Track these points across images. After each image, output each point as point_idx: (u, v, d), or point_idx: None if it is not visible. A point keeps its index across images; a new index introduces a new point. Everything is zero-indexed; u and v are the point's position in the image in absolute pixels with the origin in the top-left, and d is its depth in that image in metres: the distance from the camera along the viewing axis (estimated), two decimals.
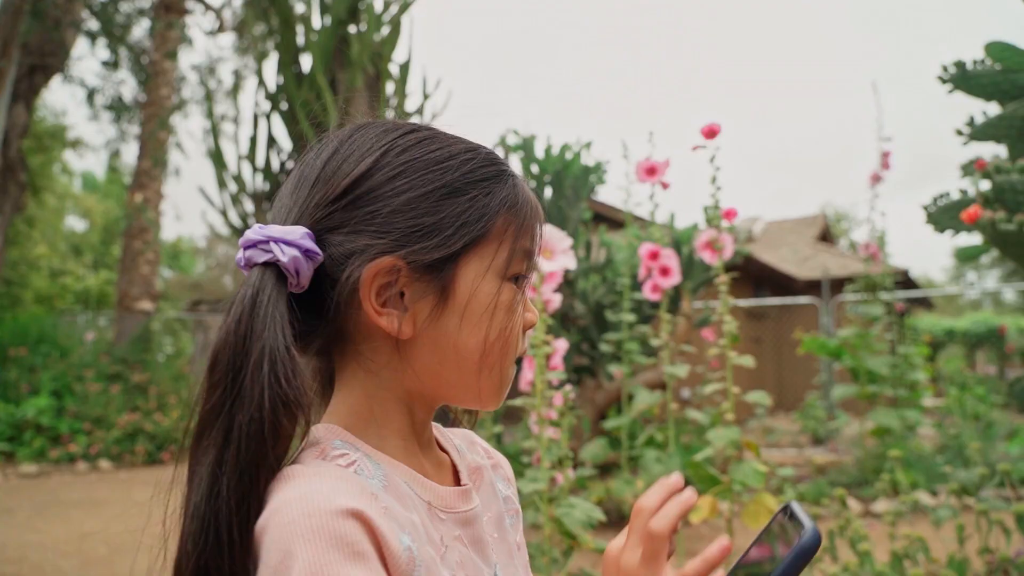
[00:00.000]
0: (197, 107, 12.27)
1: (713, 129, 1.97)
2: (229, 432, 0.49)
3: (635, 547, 0.52)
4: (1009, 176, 1.53)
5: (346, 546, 0.46)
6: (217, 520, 0.48)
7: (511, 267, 0.57)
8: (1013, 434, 6.77)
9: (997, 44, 1.90)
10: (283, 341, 0.51)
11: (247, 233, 0.55)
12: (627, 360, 3.72)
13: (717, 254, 2.06)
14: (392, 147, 0.57)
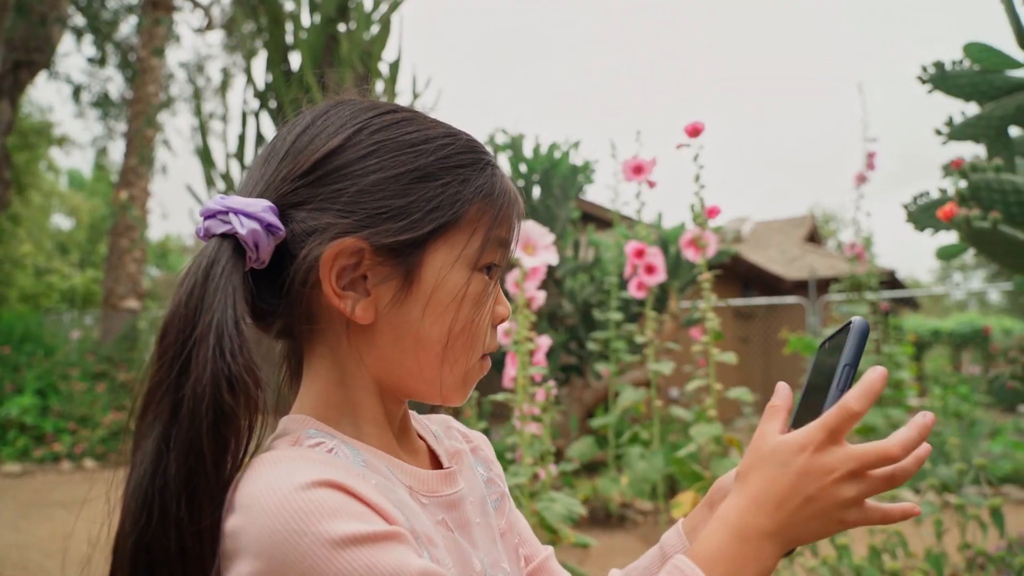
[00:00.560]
0: (185, 104, 12.20)
1: (696, 128, 1.98)
2: (177, 407, 0.47)
3: (843, 456, 0.48)
4: (984, 175, 1.55)
5: (329, 514, 0.44)
6: (163, 498, 0.46)
7: (483, 257, 0.55)
8: (996, 433, 6.85)
9: (975, 45, 1.93)
10: (232, 315, 0.48)
11: (208, 203, 0.53)
12: (614, 359, 3.74)
13: (701, 252, 2.08)
14: (367, 126, 0.55)
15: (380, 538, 0.44)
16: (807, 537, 0.48)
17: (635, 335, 2.68)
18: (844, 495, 0.47)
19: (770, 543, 0.48)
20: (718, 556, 0.47)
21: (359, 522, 0.44)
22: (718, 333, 1.98)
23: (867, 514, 0.49)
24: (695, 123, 1.97)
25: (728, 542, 0.48)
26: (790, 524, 0.48)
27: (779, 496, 0.48)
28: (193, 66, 12.18)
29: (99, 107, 10.81)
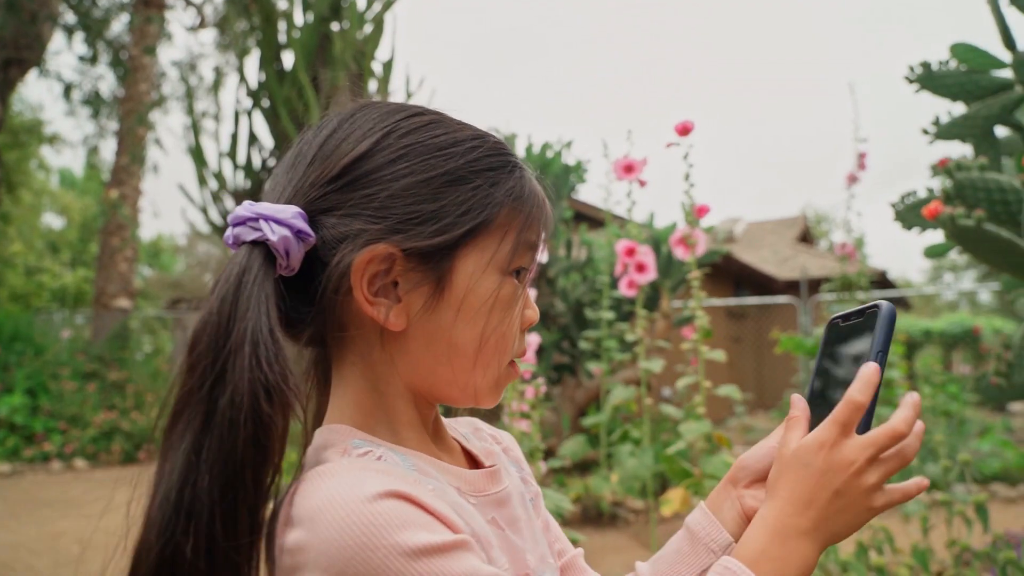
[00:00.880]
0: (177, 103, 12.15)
1: (686, 127, 1.99)
2: (210, 416, 0.46)
3: (855, 447, 0.51)
4: (969, 173, 1.56)
5: (399, 526, 0.43)
6: (192, 511, 0.45)
7: (513, 261, 0.55)
8: (985, 431, 6.90)
9: (961, 45, 1.95)
10: (267, 323, 0.48)
11: (237, 210, 0.52)
12: (606, 357, 3.75)
13: (690, 251, 2.09)
14: (395, 129, 0.54)
15: (450, 548, 0.44)
16: (843, 530, 0.51)
17: (626, 334, 2.69)
18: (868, 482, 0.50)
19: (808, 540, 0.50)
20: (763, 556, 0.50)
21: (428, 532, 0.44)
22: (707, 331, 1.99)
23: (890, 496, 0.51)
24: (685, 122, 1.98)
25: (769, 543, 0.50)
26: (824, 520, 0.50)
27: (808, 495, 0.51)
28: (185, 64, 12.13)
29: (90, 105, 10.75)
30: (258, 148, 10.26)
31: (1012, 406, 13.13)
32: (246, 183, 10.09)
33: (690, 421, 1.93)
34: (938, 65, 1.96)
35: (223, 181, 10.07)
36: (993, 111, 1.94)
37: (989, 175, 1.57)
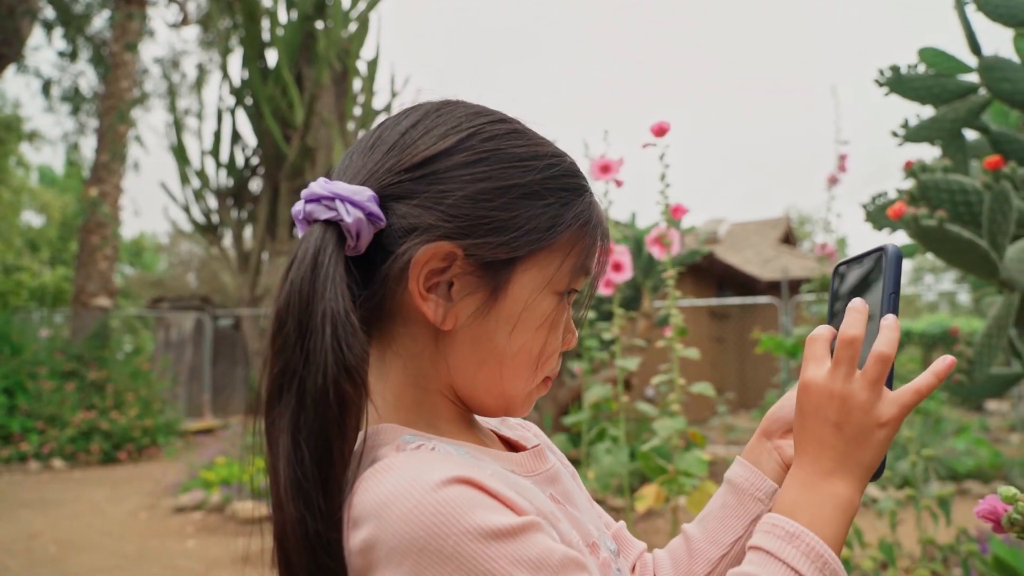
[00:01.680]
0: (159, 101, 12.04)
1: (662, 127, 2.01)
2: (303, 395, 0.47)
3: (852, 373, 0.53)
4: (933, 175, 1.60)
5: (469, 509, 0.44)
6: (303, 485, 0.46)
7: (568, 284, 0.55)
8: (961, 430, 7.00)
9: (929, 50, 1.99)
10: (343, 305, 0.48)
11: (312, 186, 0.52)
12: (587, 357, 3.77)
13: (665, 250, 2.11)
14: (480, 131, 0.54)
15: (520, 529, 0.45)
16: (867, 457, 0.52)
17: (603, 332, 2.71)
18: (868, 405, 0.52)
19: (838, 479, 0.52)
20: (797, 506, 0.52)
21: (498, 515, 0.45)
22: (682, 329, 2.01)
23: (898, 399, 0.52)
24: (660, 123, 2.00)
25: (800, 492, 0.52)
26: (845, 455, 0.52)
27: (821, 438, 0.53)
28: (168, 62, 12.02)
29: (70, 102, 10.62)
30: (241, 146, 10.19)
31: (989, 405, 13.34)
32: (229, 181, 10.03)
33: (664, 418, 1.95)
34: (907, 69, 2.00)
35: (206, 179, 9.99)
36: (960, 114, 1.98)
37: (952, 177, 1.60)
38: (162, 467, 6.62)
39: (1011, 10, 1.91)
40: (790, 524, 0.50)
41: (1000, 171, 1.45)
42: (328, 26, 9.70)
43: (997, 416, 11.30)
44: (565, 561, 0.45)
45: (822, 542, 0.49)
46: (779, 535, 0.50)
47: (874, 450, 0.52)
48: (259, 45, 9.84)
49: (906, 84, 1.99)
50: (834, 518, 0.51)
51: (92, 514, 4.91)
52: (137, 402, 7.67)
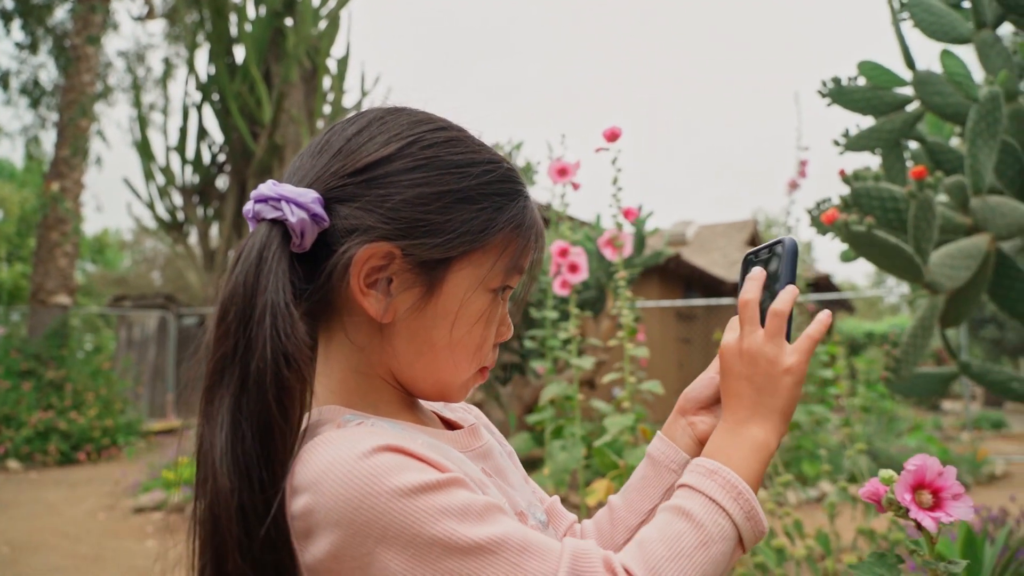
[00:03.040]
0: (123, 95, 11.81)
1: (615, 132, 2.08)
2: (245, 379, 0.51)
3: (754, 330, 0.60)
4: (865, 183, 1.68)
5: (394, 472, 0.48)
6: (246, 461, 0.50)
7: (501, 282, 0.59)
8: (915, 428, 7.23)
9: (868, 63, 2.08)
10: (283, 297, 0.53)
11: (260, 188, 0.56)
12: (550, 356, 3.83)
13: (617, 251, 2.17)
14: (420, 139, 0.58)
15: (444, 484, 0.49)
16: (780, 402, 0.59)
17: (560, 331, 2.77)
18: (774, 357, 0.59)
19: (754, 425, 0.59)
20: (718, 449, 0.59)
21: (422, 474, 0.49)
22: (633, 329, 2.07)
23: (797, 347, 0.60)
24: (612, 128, 2.06)
25: (722, 438, 0.59)
26: (757, 404, 0.59)
27: (738, 392, 0.60)
28: (133, 55, 11.80)
29: (29, 95, 10.37)
30: (208, 143, 10.06)
31: (945, 405, 13.77)
32: (195, 178, 9.89)
33: (615, 415, 2.01)
34: (847, 81, 2.10)
35: (171, 176, 9.84)
36: (896, 125, 2.08)
37: (883, 185, 1.69)
38: (122, 468, 6.51)
39: (943, 27, 2.01)
40: (710, 463, 0.57)
41: (924, 180, 1.53)
42: (297, 23, 9.62)
43: (952, 416, 11.68)
44: (488, 506, 0.50)
45: (737, 476, 0.55)
46: (701, 472, 0.56)
47: (783, 395, 0.59)
48: (227, 41, 9.72)
49: (846, 96, 2.09)
50: (749, 457, 0.57)
51: (48, 515, 4.82)
52: (97, 402, 7.53)
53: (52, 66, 10.23)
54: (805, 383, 4.37)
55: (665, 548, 0.51)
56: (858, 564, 0.73)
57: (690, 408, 0.69)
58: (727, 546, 0.53)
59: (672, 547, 0.51)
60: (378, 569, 0.48)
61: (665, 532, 0.53)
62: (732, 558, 0.54)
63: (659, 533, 0.53)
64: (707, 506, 0.54)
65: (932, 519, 0.66)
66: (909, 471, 0.68)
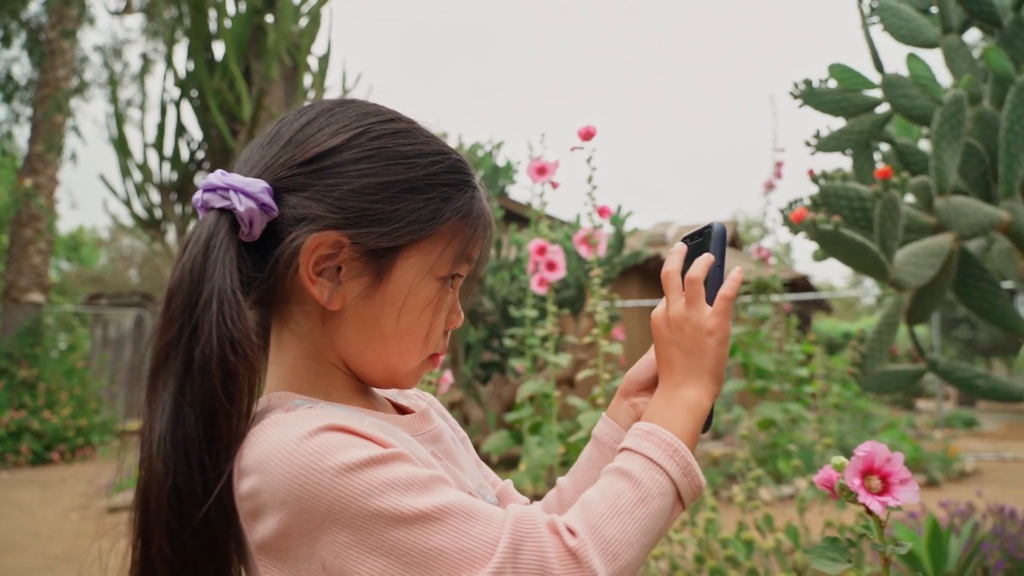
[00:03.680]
0: (100, 91, 11.64)
1: (589, 131, 2.10)
2: (189, 364, 0.52)
3: (677, 299, 0.63)
4: (833, 183, 1.72)
5: (337, 450, 0.49)
6: (187, 445, 0.51)
7: (449, 271, 0.61)
8: (889, 427, 7.36)
9: (838, 66, 2.12)
10: (230, 284, 0.53)
11: (209, 177, 0.57)
12: (529, 355, 3.84)
13: (592, 250, 2.20)
14: (368, 130, 0.59)
15: (388, 458, 0.50)
16: (707, 362, 0.62)
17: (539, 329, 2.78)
18: (701, 328, 0.62)
19: (686, 387, 0.61)
20: (654, 413, 0.61)
21: (365, 450, 0.50)
22: (607, 326, 2.10)
23: (719, 307, 0.62)
24: (588, 127, 2.08)
25: (657, 403, 0.62)
26: (687, 367, 0.62)
27: (669, 358, 0.63)
28: (109, 50, 11.63)
29: (2, 90, 10.18)
30: (186, 140, 9.93)
31: (919, 404, 14.01)
32: (172, 175, 9.77)
33: (589, 411, 2.03)
34: (818, 83, 2.14)
35: (148, 173, 9.71)
36: (865, 127, 2.13)
37: (850, 184, 1.73)
38: (97, 467, 6.43)
39: (911, 31, 2.06)
40: (647, 425, 0.59)
41: (889, 180, 1.57)
42: (278, 20, 9.56)
43: (925, 415, 11.89)
44: (433, 477, 0.51)
45: (673, 435, 0.58)
46: (638, 435, 0.59)
47: (710, 355, 0.62)
48: (206, 37, 9.63)
49: (817, 97, 2.13)
50: (683, 417, 0.60)
51: (20, 515, 4.74)
52: (71, 401, 7.42)
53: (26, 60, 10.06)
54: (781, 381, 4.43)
55: (605, 506, 0.53)
56: (812, 548, 0.75)
57: (632, 390, 0.72)
58: (666, 501, 0.55)
59: (612, 505, 0.53)
60: (326, 545, 0.49)
61: (606, 492, 0.54)
62: (672, 513, 0.56)
63: (600, 493, 0.54)
64: (644, 465, 0.56)
65: (880, 503, 0.69)
66: (859, 457, 0.70)
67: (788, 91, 2.15)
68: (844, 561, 0.75)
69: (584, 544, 0.50)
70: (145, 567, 0.53)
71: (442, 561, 0.48)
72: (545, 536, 0.49)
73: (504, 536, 0.49)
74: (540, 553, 0.49)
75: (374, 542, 0.48)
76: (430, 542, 0.48)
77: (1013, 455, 6.94)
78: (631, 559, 0.51)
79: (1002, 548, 2.34)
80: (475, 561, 0.48)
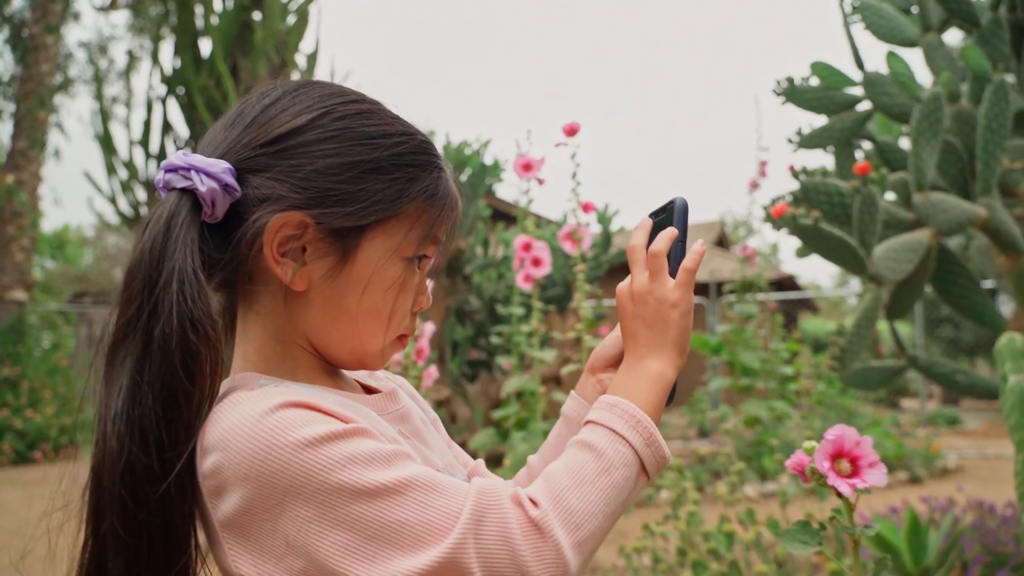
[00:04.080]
0: (85, 87, 11.53)
1: (573, 128, 2.11)
2: (148, 343, 0.52)
3: (640, 273, 0.63)
4: (813, 178, 1.74)
5: (297, 426, 0.49)
6: (143, 424, 0.51)
7: (415, 251, 0.60)
8: (872, 424, 7.43)
9: (819, 64, 2.15)
10: (191, 264, 0.53)
11: (171, 157, 0.56)
12: (516, 352, 3.85)
13: (576, 245, 2.21)
14: (332, 111, 0.59)
15: (349, 433, 0.50)
16: (670, 334, 0.62)
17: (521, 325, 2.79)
18: (661, 295, 0.62)
19: (650, 359, 0.62)
20: (618, 386, 0.61)
21: (327, 425, 0.50)
22: (591, 321, 2.11)
23: (679, 282, 0.62)
24: (572, 124, 2.09)
25: (622, 376, 0.62)
26: (650, 339, 0.62)
27: (633, 332, 0.63)
28: (95, 46, 11.53)
29: None
30: (172, 137, 9.86)
31: (904, 404, 14.15)
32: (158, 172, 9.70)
33: None
34: (800, 81, 2.16)
35: (134, 170, 9.63)
36: (847, 124, 2.15)
37: (830, 180, 1.75)
38: (81, 466, 6.36)
39: (891, 30, 2.08)
40: (611, 398, 0.59)
41: (868, 176, 1.59)
42: (266, 17, 9.50)
43: (910, 413, 12.01)
44: (396, 452, 0.52)
45: (636, 407, 0.58)
46: (602, 407, 0.59)
47: (673, 327, 0.62)
48: (192, 34, 9.56)
49: (799, 95, 2.15)
50: (647, 389, 0.60)
51: (2, 515, 4.69)
52: (54, 400, 7.35)
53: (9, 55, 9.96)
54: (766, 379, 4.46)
55: (568, 478, 0.53)
56: (783, 531, 0.76)
57: (599, 366, 0.72)
58: (629, 471, 0.55)
59: (575, 476, 0.53)
60: (288, 520, 0.49)
61: (569, 464, 0.55)
62: (637, 483, 0.56)
63: (563, 465, 0.55)
64: (607, 436, 0.56)
65: (849, 485, 0.70)
66: (828, 440, 0.71)
67: (771, 89, 2.18)
68: (815, 544, 0.76)
69: (546, 514, 0.50)
70: (96, 546, 0.53)
71: (404, 533, 0.48)
72: (508, 508, 0.50)
73: (466, 508, 0.49)
74: (503, 524, 0.49)
75: (336, 516, 0.48)
76: (392, 515, 0.48)
77: (994, 452, 7.03)
78: (594, 529, 0.52)
79: (981, 542, 2.37)
80: (437, 533, 0.48)
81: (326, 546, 0.48)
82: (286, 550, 0.49)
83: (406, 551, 0.48)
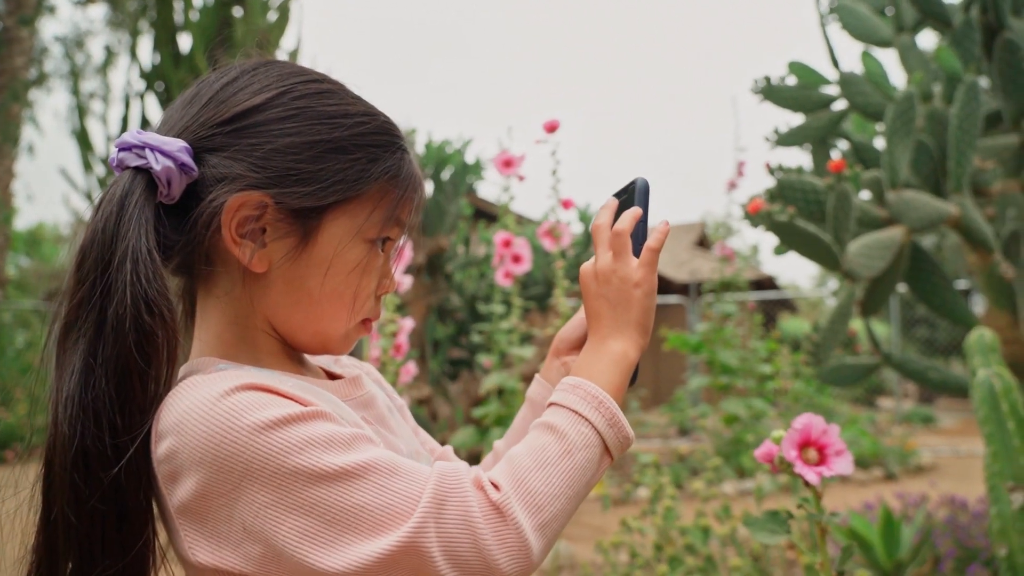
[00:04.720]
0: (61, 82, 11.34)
1: (553, 124, 2.11)
2: (102, 324, 0.50)
3: (604, 252, 0.62)
4: (788, 175, 1.75)
5: (253, 409, 0.48)
6: (96, 407, 0.49)
7: (378, 233, 0.59)
8: (849, 423, 7.52)
9: (796, 63, 2.17)
10: (146, 244, 0.52)
11: (124, 136, 0.55)
12: (496, 350, 3.84)
13: (556, 242, 2.21)
14: (291, 90, 0.58)
15: (307, 416, 0.49)
16: (633, 315, 0.61)
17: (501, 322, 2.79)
18: (628, 280, 0.61)
19: (613, 340, 0.61)
20: (581, 367, 0.60)
21: (284, 408, 0.49)
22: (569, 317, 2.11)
23: (642, 261, 0.62)
24: (551, 120, 2.09)
25: (585, 357, 0.61)
26: (614, 319, 0.61)
27: (596, 311, 0.62)
28: (71, 41, 11.34)
29: None
30: None
31: (880, 402, 14.35)
32: None
33: None
34: (777, 80, 2.18)
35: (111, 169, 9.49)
36: (823, 123, 2.17)
37: (805, 177, 1.76)
38: None
39: (867, 30, 2.11)
40: (573, 379, 0.59)
41: (842, 173, 1.61)
42: (246, 13, 9.40)
43: (886, 412, 12.18)
44: (355, 436, 0.51)
45: (598, 387, 0.57)
46: (564, 389, 0.58)
47: (636, 307, 0.62)
48: (172, 28, 9.43)
49: (776, 94, 2.17)
50: (610, 369, 0.59)
51: None
52: (27, 399, 7.22)
53: None
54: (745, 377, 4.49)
55: (531, 460, 0.53)
56: (752, 520, 0.77)
57: (563, 348, 0.72)
58: (592, 453, 0.55)
59: (537, 458, 0.53)
60: (245, 505, 0.48)
61: (531, 446, 0.54)
62: (600, 465, 0.56)
63: (526, 448, 0.54)
64: (570, 417, 0.56)
65: (815, 473, 0.71)
66: (796, 429, 0.72)
67: (749, 87, 2.19)
68: (783, 532, 0.76)
69: (508, 497, 0.50)
70: (48, 533, 0.52)
71: (363, 518, 0.47)
72: (469, 491, 0.49)
73: (427, 492, 0.49)
74: (464, 508, 0.48)
75: (294, 500, 0.47)
76: (351, 498, 0.48)
77: (968, 450, 7.15)
78: (557, 511, 0.51)
79: (953, 537, 2.41)
80: (398, 517, 0.48)
81: (284, 531, 0.47)
82: (243, 536, 0.48)
83: (365, 535, 0.47)
